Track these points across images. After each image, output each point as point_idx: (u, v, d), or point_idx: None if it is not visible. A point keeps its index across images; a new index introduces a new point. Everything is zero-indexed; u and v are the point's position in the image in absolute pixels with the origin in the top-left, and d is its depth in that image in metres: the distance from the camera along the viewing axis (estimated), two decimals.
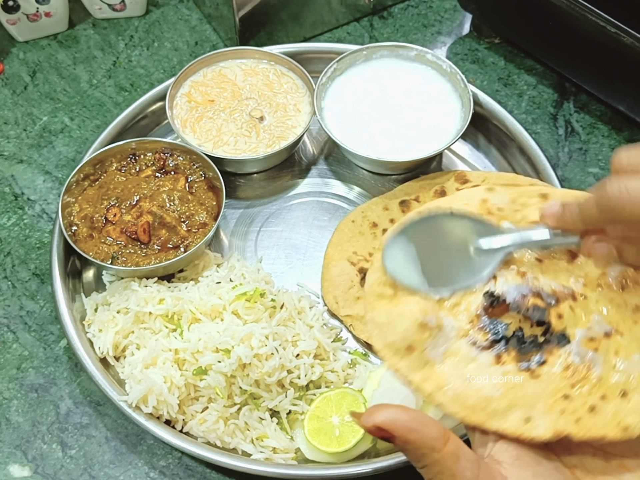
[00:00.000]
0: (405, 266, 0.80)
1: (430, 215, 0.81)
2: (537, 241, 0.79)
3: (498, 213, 0.84)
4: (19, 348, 1.21)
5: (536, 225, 0.80)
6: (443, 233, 0.81)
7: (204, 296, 1.13)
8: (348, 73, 1.37)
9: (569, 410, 0.78)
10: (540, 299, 0.81)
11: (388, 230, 0.84)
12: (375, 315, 0.79)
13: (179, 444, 1.05)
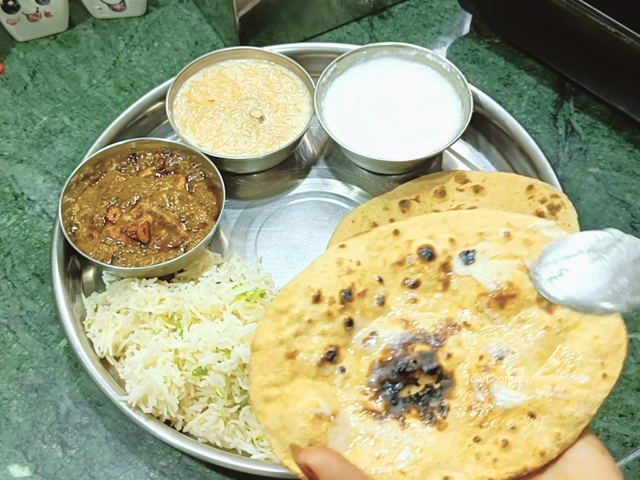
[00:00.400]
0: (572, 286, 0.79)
1: None
2: None
3: (358, 267, 0.83)
4: (19, 348, 1.21)
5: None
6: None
7: (204, 296, 1.13)
8: (348, 73, 1.37)
9: (483, 453, 0.77)
10: (426, 344, 0.80)
11: None
12: (268, 424, 0.77)
13: (179, 444, 1.05)
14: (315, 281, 0.81)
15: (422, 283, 0.83)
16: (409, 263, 0.83)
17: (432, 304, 0.83)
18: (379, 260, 0.84)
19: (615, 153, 1.41)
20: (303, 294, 0.81)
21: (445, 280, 0.83)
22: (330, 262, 0.82)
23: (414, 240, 0.84)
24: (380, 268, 0.84)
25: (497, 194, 1.24)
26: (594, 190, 1.37)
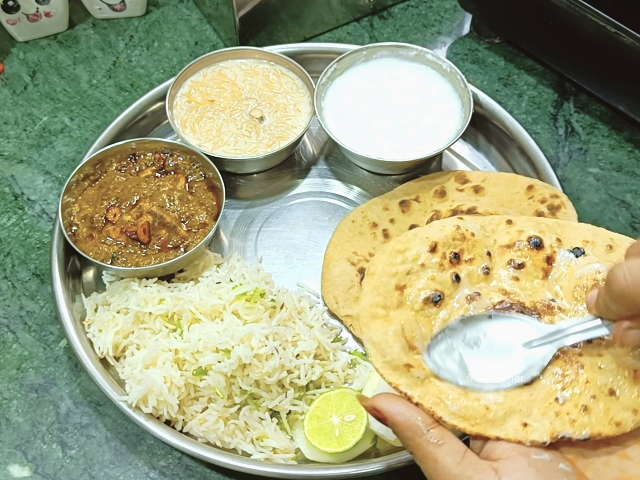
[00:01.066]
0: (447, 362, 0.84)
1: (471, 317, 0.86)
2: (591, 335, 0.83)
3: (472, 238, 0.90)
4: (19, 348, 1.21)
5: (586, 317, 0.83)
6: (485, 333, 0.85)
7: (204, 296, 1.13)
8: (348, 73, 1.37)
9: (563, 412, 0.82)
10: (523, 314, 0.87)
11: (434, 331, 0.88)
12: (371, 335, 0.84)
13: (179, 444, 1.05)
14: (434, 235, 0.89)
15: (526, 266, 0.90)
16: (518, 247, 0.91)
17: (531, 286, 0.90)
18: (490, 239, 0.92)
19: (615, 153, 1.41)
20: (420, 242, 0.89)
21: (547, 270, 0.90)
22: (448, 225, 0.91)
23: (525, 231, 0.92)
24: (491, 245, 0.92)
25: (497, 194, 1.24)
26: (594, 190, 1.37)
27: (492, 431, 0.81)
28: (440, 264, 0.88)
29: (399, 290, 0.87)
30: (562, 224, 0.97)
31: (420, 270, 0.88)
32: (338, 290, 1.19)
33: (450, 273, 0.88)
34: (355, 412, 1.06)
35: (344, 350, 1.18)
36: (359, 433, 1.04)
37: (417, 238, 0.89)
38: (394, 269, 0.87)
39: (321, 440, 1.05)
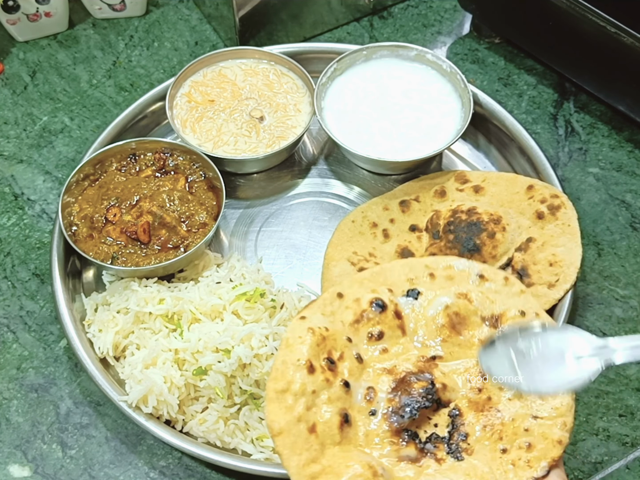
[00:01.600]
0: (499, 366, 0.86)
1: (525, 327, 0.88)
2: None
3: (327, 333, 0.90)
4: (19, 348, 1.21)
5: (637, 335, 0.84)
6: (537, 343, 0.86)
7: (204, 296, 1.13)
8: (348, 73, 1.37)
9: (516, 459, 0.85)
10: (420, 380, 0.88)
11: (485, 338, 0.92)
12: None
13: (179, 444, 1.05)
14: (300, 353, 0.87)
15: (385, 333, 0.92)
16: (367, 318, 0.92)
17: (401, 349, 0.92)
18: (337, 324, 0.92)
19: (615, 153, 1.41)
20: (295, 368, 0.86)
21: (402, 325, 0.93)
22: (303, 333, 0.89)
23: (361, 298, 0.94)
24: (342, 330, 0.92)
25: (497, 194, 1.24)
26: (594, 190, 1.37)
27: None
28: (326, 379, 0.86)
29: (313, 432, 0.84)
30: (378, 271, 0.98)
31: (315, 399, 0.85)
32: None
33: (338, 384, 0.87)
34: None
35: None
36: None
37: (289, 366, 0.86)
38: (295, 414, 0.84)
39: None
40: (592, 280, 1.26)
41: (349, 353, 0.89)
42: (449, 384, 0.90)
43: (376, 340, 0.91)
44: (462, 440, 0.87)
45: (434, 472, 0.84)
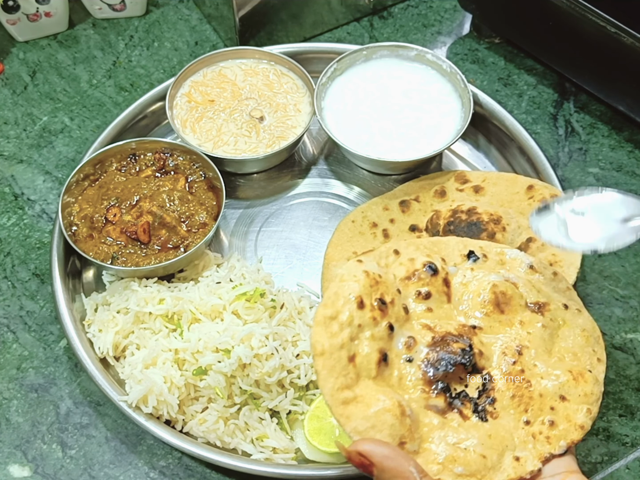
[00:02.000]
0: (552, 230, 0.97)
1: (583, 190, 0.99)
2: None
3: (380, 279, 0.92)
4: (19, 348, 1.21)
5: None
6: (593, 204, 0.97)
7: (204, 296, 1.13)
8: (348, 73, 1.37)
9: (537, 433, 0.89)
10: (458, 342, 0.91)
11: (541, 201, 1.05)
12: (356, 426, 0.83)
13: (179, 444, 1.05)
14: (354, 289, 0.89)
15: (432, 294, 0.95)
16: (418, 277, 0.95)
17: (444, 314, 0.95)
18: (389, 275, 0.95)
19: (615, 153, 1.41)
20: (346, 301, 0.88)
21: (448, 293, 0.97)
22: (358, 273, 0.91)
23: (416, 259, 0.97)
24: (393, 282, 0.95)
25: (497, 193, 1.24)
26: None
27: (497, 477, 0.85)
28: (373, 318, 0.88)
29: (352, 362, 0.86)
30: (434, 241, 1.02)
31: (359, 333, 0.87)
32: None
33: (384, 325, 0.89)
34: None
35: None
36: None
37: (340, 297, 0.88)
38: (339, 340, 0.86)
39: (321, 440, 1.05)
40: (592, 280, 1.26)
41: (397, 302, 0.92)
42: (485, 352, 0.92)
43: (423, 299, 0.94)
44: (489, 404, 0.90)
45: (457, 426, 0.87)
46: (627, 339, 1.20)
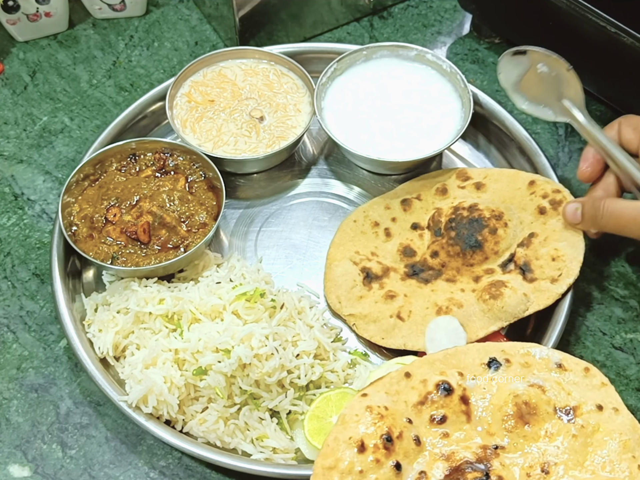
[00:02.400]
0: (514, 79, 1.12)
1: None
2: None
3: (386, 412, 0.87)
4: (19, 348, 1.21)
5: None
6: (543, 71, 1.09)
7: (204, 296, 1.13)
8: (348, 73, 1.37)
9: None
10: (475, 471, 0.84)
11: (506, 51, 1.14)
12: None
13: (179, 444, 1.05)
14: (354, 431, 0.85)
15: (448, 417, 0.89)
16: (431, 400, 0.89)
17: (464, 435, 0.88)
18: (400, 404, 0.89)
19: None
20: (346, 446, 0.84)
21: (467, 411, 0.89)
22: (360, 411, 0.87)
23: (428, 380, 0.91)
24: (404, 410, 0.89)
25: (499, 190, 1.25)
26: None
27: None
28: (377, 460, 0.84)
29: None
30: (452, 353, 0.95)
31: (362, 478, 0.83)
32: (341, 290, 1.19)
33: (390, 465, 0.84)
34: None
35: (344, 350, 1.18)
36: None
37: (340, 443, 0.85)
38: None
39: (321, 440, 1.04)
40: (592, 280, 1.26)
41: (407, 434, 0.87)
42: (505, 476, 0.85)
43: (438, 424, 0.89)
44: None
45: None
46: (627, 339, 1.20)
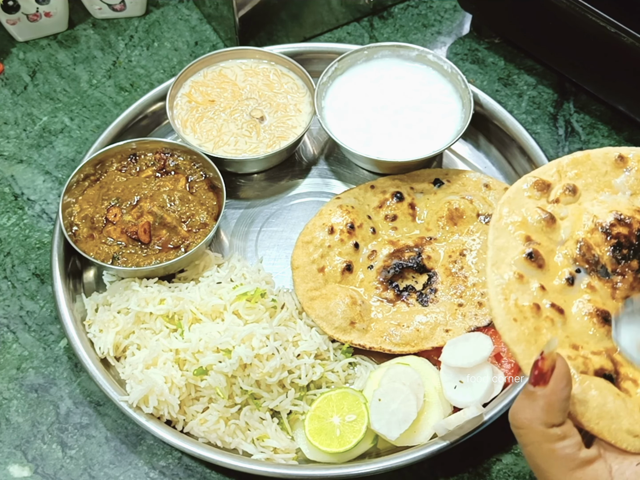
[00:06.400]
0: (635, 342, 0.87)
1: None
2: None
3: (353, 210, 1.23)
4: (19, 348, 1.21)
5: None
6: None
7: (204, 296, 1.13)
8: (349, 73, 1.37)
9: (467, 312, 1.16)
10: (411, 251, 1.20)
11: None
12: (318, 313, 1.16)
13: (180, 444, 1.05)
14: (327, 220, 1.23)
15: (398, 217, 1.25)
16: (387, 205, 1.25)
17: (407, 229, 1.25)
18: (364, 206, 1.26)
19: None
20: (320, 229, 1.22)
21: (413, 214, 1.25)
22: (333, 208, 1.24)
23: (387, 190, 1.27)
24: (367, 210, 1.26)
25: None
26: None
27: (427, 345, 1.13)
28: (341, 240, 1.20)
29: (321, 272, 1.19)
30: (411, 175, 1.29)
31: (329, 251, 1.20)
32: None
33: (351, 243, 1.20)
34: (356, 412, 1.06)
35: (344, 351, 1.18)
36: (360, 433, 1.04)
37: (316, 226, 1.23)
38: (311, 258, 1.20)
39: (322, 441, 1.05)
40: None
41: (366, 226, 1.22)
42: (433, 256, 1.20)
43: (390, 221, 1.24)
44: (431, 293, 1.17)
45: (402, 311, 1.16)
46: None
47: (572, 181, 0.94)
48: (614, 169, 0.95)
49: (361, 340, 1.14)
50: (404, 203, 1.25)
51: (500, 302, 0.83)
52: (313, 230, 1.22)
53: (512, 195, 0.93)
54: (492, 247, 0.89)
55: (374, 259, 1.19)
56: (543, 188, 0.93)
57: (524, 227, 0.90)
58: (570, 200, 0.93)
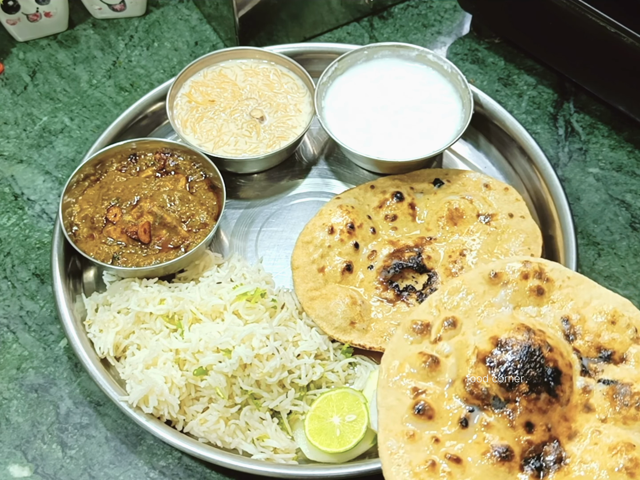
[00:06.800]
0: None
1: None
2: None
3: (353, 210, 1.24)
4: (19, 348, 1.21)
5: None
6: None
7: (204, 296, 1.13)
8: (349, 72, 1.37)
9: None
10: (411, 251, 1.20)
11: None
12: (318, 313, 1.16)
13: (180, 444, 1.05)
14: (327, 220, 1.23)
15: (398, 217, 1.24)
16: (387, 205, 1.25)
17: (407, 229, 1.24)
18: (364, 206, 1.26)
19: (615, 153, 1.41)
20: (320, 229, 1.22)
21: (413, 214, 1.25)
22: (333, 208, 1.24)
23: (387, 190, 1.27)
24: (367, 210, 1.26)
25: None
26: (594, 190, 1.37)
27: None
28: (341, 240, 1.20)
29: (321, 272, 1.20)
30: (411, 175, 1.29)
31: (329, 251, 1.20)
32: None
33: (351, 243, 1.20)
34: (356, 412, 1.06)
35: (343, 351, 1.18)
36: (360, 433, 1.04)
37: (317, 226, 1.23)
38: (311, 258, 1.21)
39: (322, 440, 1.05)
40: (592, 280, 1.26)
41: (366, 226, 1.22)
42: (433, 256, 1.20)
43: (390, 221, 1.24)
44: (431, 293, 1.13)
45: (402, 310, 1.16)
46: None
47: (451, 312, 0.98)
48: (491, 286, 1.01)
49: (361, 340, 1.14)
50: (404, 203, 1.25)
51: (396, 474, 0.85)
52: (313, 230, 1.22)
53: (394, 345, 0.96)
54: (381, 408, 0.91)
55: (374, 259, 1.20)
56: (422, 330, 0.97)
57: (409, 377, 0.92)
58: (452, 334, 0.97)
